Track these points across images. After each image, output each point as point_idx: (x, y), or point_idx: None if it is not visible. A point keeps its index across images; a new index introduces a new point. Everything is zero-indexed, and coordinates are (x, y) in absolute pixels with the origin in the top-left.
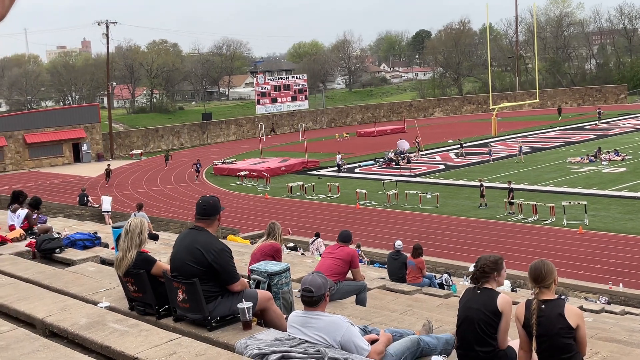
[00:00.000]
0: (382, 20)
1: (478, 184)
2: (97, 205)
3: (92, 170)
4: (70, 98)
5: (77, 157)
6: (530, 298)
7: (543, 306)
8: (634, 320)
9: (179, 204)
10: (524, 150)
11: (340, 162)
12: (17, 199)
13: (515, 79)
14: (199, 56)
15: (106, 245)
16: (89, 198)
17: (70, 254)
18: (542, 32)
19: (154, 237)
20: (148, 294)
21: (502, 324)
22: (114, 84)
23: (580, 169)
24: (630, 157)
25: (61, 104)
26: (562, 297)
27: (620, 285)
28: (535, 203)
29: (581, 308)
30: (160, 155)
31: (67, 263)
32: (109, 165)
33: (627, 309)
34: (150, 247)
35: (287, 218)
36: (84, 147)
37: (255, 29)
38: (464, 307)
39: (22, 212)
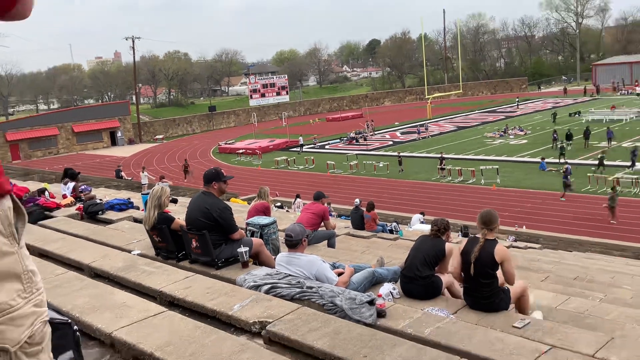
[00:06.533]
0: (343, 32)
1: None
2: (129, 179)
3: (125, 151)
4: (106, 97)
5: (114, 142)
6: (473, 236)
7: (485, 243)
8: (533, 252)
9: (193, 176)
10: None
11: (302, 143)
12: (68, 174)
13: (444, 75)
14: (204, 62)
15: (137, 208)
16: (123, 173)
17: (110, 215)
18: (464, 39)
19: (174, 201)
20: (169, 243)
21: (445, 260)
22: (140, 85)
23: (493, 142)
24: (530, 132)
25: (100, 101)
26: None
27: (524, 227)
28: (460, 168)
29: None
30: (179, 139)
31: (108, 222)
32: (185, 160)
33: (529, 244)
34: (171, 208)
35: (275, 184)
36: (119, 134)
37: (247, 40)
38: (419, 245)
39: (71, 184)
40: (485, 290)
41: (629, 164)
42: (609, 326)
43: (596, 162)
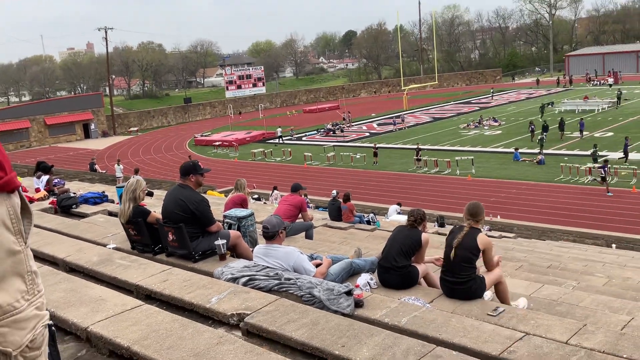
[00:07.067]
0: (319, 23)
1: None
2: (103, 171)
3: (99, 144)
4: (79, 88)
5: (87, 134)
6: (459, 225)
7: (469, 230)
8: (507, 241)
9: (169, 168)
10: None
11: (280, 134)
12: (40, 167)
13: (420, 67)
14: (179, 53)
15: (112, 201)
16: (97, 166)
17: (84, 208)
18: (439, 31)
19: (150, 194)
20: (145, 236)
21: (422, 250)
22: (113, 76)
23: (468, 133)
24: (504, 122)
25: (72, 93)
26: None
27: (498, 216)
28: (436, 159)
29: None
30: (154, 131)
31: (82, 216)
32: (189, 157)
33: (503, 234)
34: (146, 201)
35: (252, 176)
36: (92, 126)
37: (222, 31)
38: (395, 235)
39: (44, 177)
40: (463, 275)
41: (622, 155)
42: (582, 313)
43: (590, 156)
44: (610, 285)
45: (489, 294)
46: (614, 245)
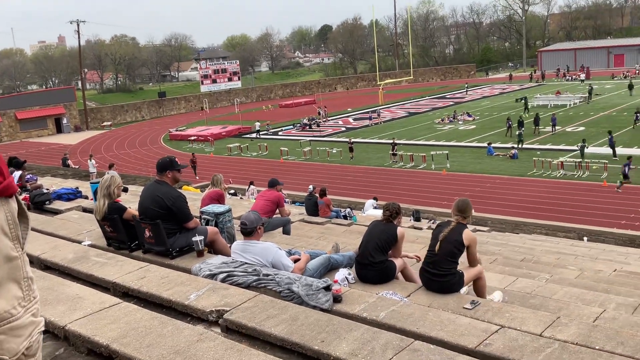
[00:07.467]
0: (295, 18)
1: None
2: (77, 167)
3: (71, 139)
4: (51, 82)
5: (59, 129)
6: (446, 220)
7: (456, 225)
8: (482, 235)
9: (143, 163)
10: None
11: (258, 128)
12: (13, 163)
13: (395, 62)
14: (153, 47)
15: (86, 197)
16: (70, 161)
17: (58, 205)
18: (414, 26)
19: (124, 190)
20: (121, 233)
21: (398, 244)
22: (86, 70)
23: (443, 128)
24: (479, 117)
25: (44, 87)
26: (466, 225)
27: (472, 211)
28: (412, 153)
29: None
30: (128, 126)
31: (56, 212)
32: (193, 154)
33: (477, 227)
34: (121, 197)
35: (228, 171)
36: (64, 121)
37: (197, 24)
38: (371, 230)
39: (17, 173)
40: (444, 268)
41: (610, 151)
42: (555, 305)
43: (578, 150)
44: (582, 278)
45: (464, 288)
46: (585, 238)
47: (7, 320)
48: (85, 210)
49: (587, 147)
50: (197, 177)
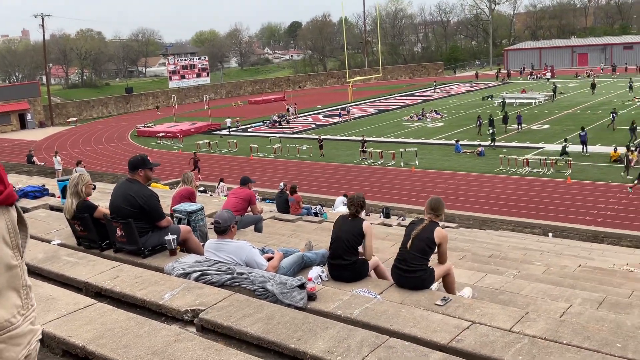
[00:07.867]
0: (264, 13)
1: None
2: (42, 164)
3: (36, 135)
4: (14, 77)
5: (23, 125)
6: (419, 218)
7: (429, 223)
8: (450, 231)
9: (110, 160)
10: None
11: (229, 125)
12: None
13: (365, 59)
14: (120, 42)
15: (53, 195)
16: (35, 158)
17: (24, 203)
18: (383, 24)
19: (94, 188)
20: (92, 232)
21: (366, 241)
22: (51, 65)
23: (411, 125)
24: (446, 115)
25: (7, 82)
26: (437, 223)
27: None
28: (381, 151)
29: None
30: (94, 122)
31: (22, 210)
32: (195, 153)
33: (445, 224)
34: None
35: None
36: (29, 117)
37: (164, 19)
38: (338, 229)
39: None
40: (415, 264)
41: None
42: (523, 301)
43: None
44: (549, 274)
45: (435, 285)
46: (550, 234)
47: (7, 329)
48: (52, 208)
49: (568, 147)
50: (201, 177)
